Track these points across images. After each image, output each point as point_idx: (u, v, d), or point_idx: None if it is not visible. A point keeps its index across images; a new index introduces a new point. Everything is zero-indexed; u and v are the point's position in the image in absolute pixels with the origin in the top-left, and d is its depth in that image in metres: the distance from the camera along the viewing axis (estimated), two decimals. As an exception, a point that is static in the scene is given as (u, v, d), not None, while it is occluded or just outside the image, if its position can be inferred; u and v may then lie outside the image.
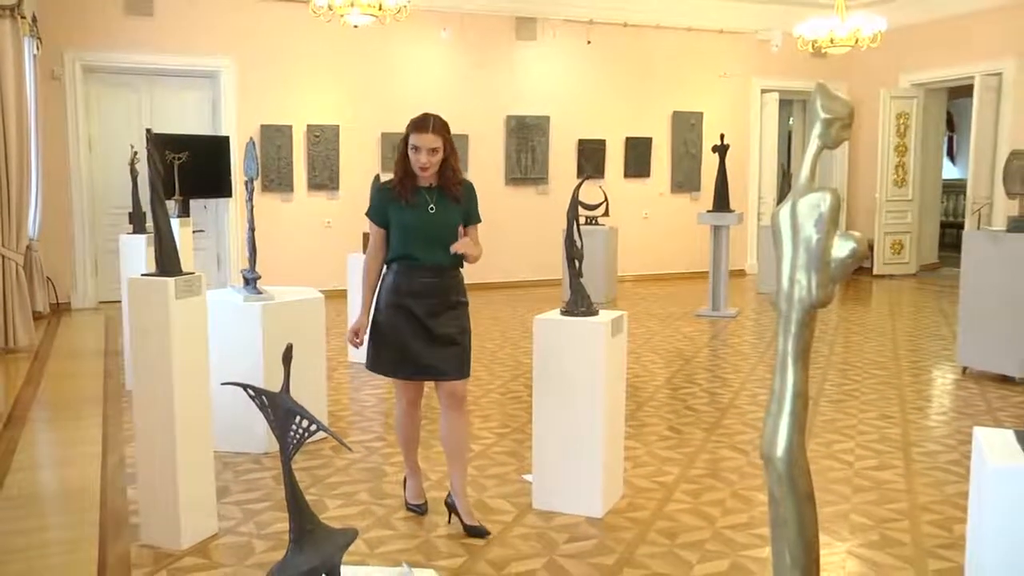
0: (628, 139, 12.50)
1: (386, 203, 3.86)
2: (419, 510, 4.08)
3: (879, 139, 13.04)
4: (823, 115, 1.70)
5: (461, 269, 3.92)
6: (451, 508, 3.96)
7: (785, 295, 1.66)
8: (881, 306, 10.78)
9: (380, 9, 8.41)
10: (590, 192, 10.80)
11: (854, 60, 12.73)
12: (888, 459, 4.93)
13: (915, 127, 13.10)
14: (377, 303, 3.90)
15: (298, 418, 1.95)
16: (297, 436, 1.97)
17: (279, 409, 1.96)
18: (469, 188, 3.93)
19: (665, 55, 12.63)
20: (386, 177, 4.17)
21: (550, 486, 4.13)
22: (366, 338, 3.88)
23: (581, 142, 12.22)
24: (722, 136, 10.17)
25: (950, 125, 16.19)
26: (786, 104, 14.16)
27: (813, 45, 10.92)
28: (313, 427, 1.95)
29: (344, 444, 2.48)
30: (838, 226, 1.65)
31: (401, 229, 3.80)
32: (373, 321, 3.89)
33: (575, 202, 4.22)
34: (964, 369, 7.04)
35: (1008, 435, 2.30)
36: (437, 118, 3.75)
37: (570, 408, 4.05)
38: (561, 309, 4.19)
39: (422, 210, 3.78)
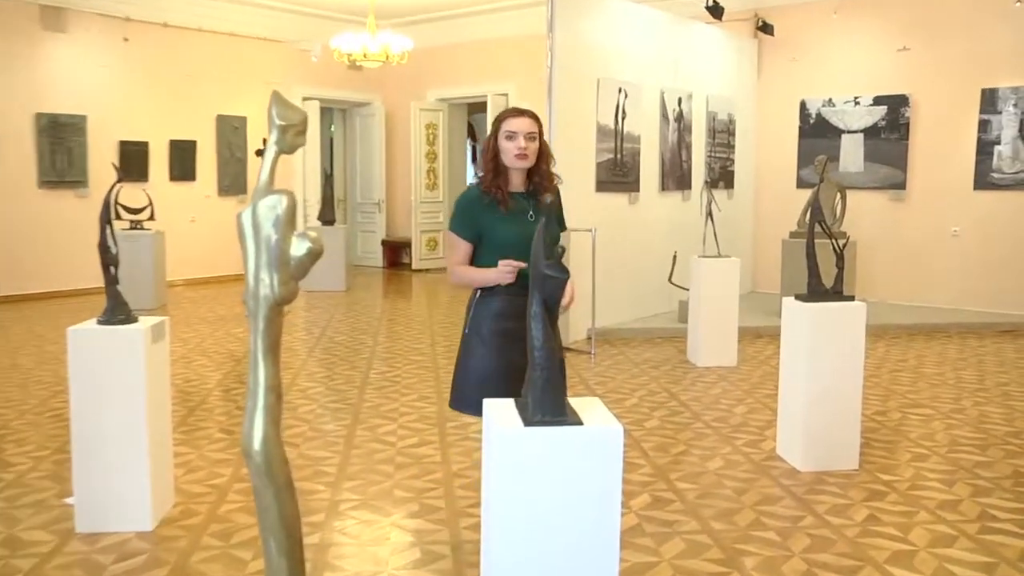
0: (172, 142, 11.83)
1: (479, 214, 3.28)
2: None
3: (411, 147, 13.80)
4: (278, 122, 1.66)
5: None
6: None
7: (252, 293, 1.60)
8: (420, 298, 11.41)
9: None
10: (134, 196, 10.06)
11: (388, 74, 13.29)
12: (426, 436, 5.21)
13: (442, 136, 14.07)
14: (476, 332, 3.33)
15: None
16: None
17: None
18: (558, 194, 3.45)
19: (208, 59, 12.15)
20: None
21: (94, 506, 3.78)
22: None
23: (122, 143, 11.28)
24: (265, 140, 10.01)
25: (472, 135, 17.60)
26: (327, 112, 14.42)
27: (349, 58, 11.23)
28: None
29: None
30: (295, 227, 1.63)
31: (502, 247, 3.20)
32: (471, 354, 3.34)
33: (107, 206, 3.89)
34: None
35: (510, 403, 2.53)
36: (530, 109, 3.36)
37: (111, 421, 3.73)
38: (98, 319, 3.84)
39: (522, 221, 3.24)
